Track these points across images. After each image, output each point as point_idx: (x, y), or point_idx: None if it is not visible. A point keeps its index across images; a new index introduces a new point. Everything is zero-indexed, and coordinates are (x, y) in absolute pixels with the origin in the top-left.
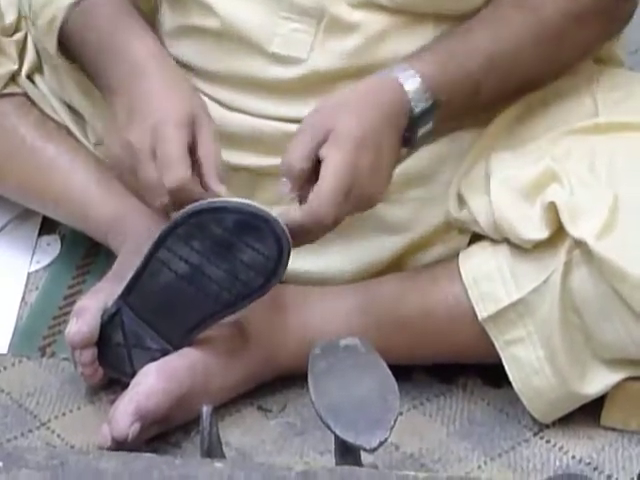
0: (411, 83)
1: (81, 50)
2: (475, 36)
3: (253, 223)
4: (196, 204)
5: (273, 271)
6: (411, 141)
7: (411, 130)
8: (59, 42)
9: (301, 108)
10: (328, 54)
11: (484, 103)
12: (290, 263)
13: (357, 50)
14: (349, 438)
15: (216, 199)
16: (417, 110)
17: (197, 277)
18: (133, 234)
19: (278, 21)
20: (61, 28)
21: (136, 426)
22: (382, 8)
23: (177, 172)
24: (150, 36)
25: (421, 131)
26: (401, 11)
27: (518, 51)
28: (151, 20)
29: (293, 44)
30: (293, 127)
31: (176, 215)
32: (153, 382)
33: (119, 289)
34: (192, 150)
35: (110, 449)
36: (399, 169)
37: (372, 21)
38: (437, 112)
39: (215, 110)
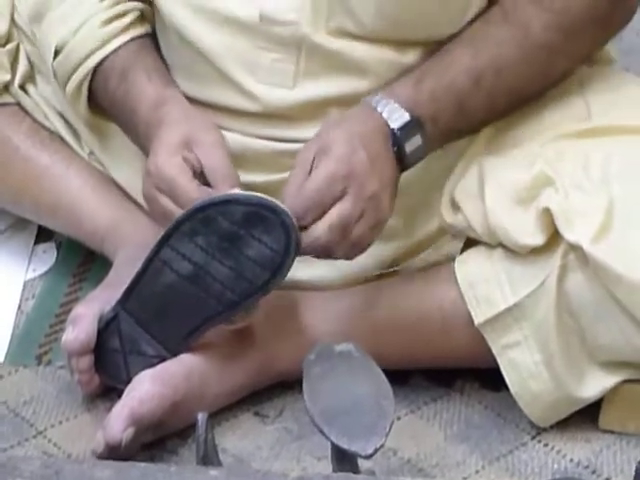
0: (382, 105)
1: (108, 110)
2: (454, 53)
3: (262, 214)
4: (202, 199)
5: (280, 265)
6: (403, 158)
7: (398, 146)
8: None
9: (293, 129)
10: (313, 82)
11: (476, 120)
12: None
13: (341, 78)
14: (344, 444)
15: (223, 193)
16: (395, 126)
17: (200, 277)
18: (129, 241)
19: (260, 52)
20: (89, 91)
21: (130, 431)
22: (358, 36)
23: (182, 190)
24: (153, 85)
25: (409, 147)
26: (379, 40)
27: (503, 66)
28: None
29: (276, 74)
30: (286, 145)
31: (180, 213)
32: (148, 387)
33: (115, 296)
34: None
35: (104, 454)
36: None
37: (352, 49)
38: (423, 129)
39: None
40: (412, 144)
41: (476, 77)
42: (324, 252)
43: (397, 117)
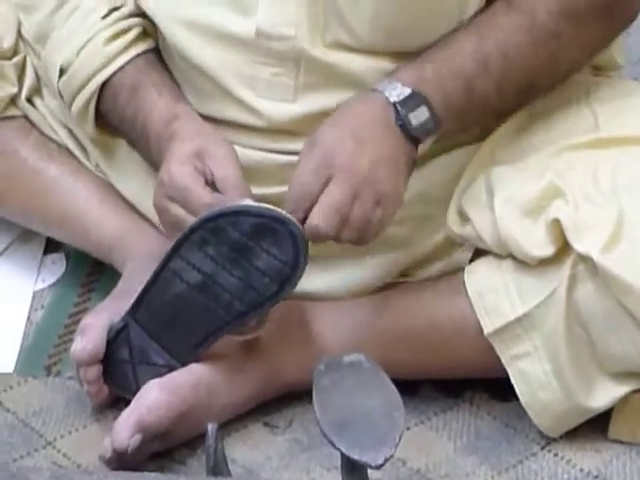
0: (383, 84)
1: (117, 126)
2: (458, 40)
3: (271, 226)
4: (213, 209)
5: (288, 277)
6: (411, 131)
7: (402, 120)
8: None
9: (297, 142)
10: (314, 95)
11: (488, 106)
12: None
13: (341, 91)
14: (354, 455)
15: (233, 204)
16: (394, 99)
17: (209, 286)
18: (136, 252)
19: (258, 67)
20: (96, 109)
21: (137, 438)
22: (355, 49)
23: (195, 196)
24: (164, 100)
25: (415, 120)
26: (375, 52)
27: (510, 49)
28: None
29: (276, 88)
30: (290, 157)
31: (191, 222)
32: (156, 396)
33: (124, 306)
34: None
35: (111, 461)
36: None
37: (349, 62)
38: (429, 103)
39: None
40: (418, 116)
41: (482, 59)
42: (329, 239)
43: (397, 92)
